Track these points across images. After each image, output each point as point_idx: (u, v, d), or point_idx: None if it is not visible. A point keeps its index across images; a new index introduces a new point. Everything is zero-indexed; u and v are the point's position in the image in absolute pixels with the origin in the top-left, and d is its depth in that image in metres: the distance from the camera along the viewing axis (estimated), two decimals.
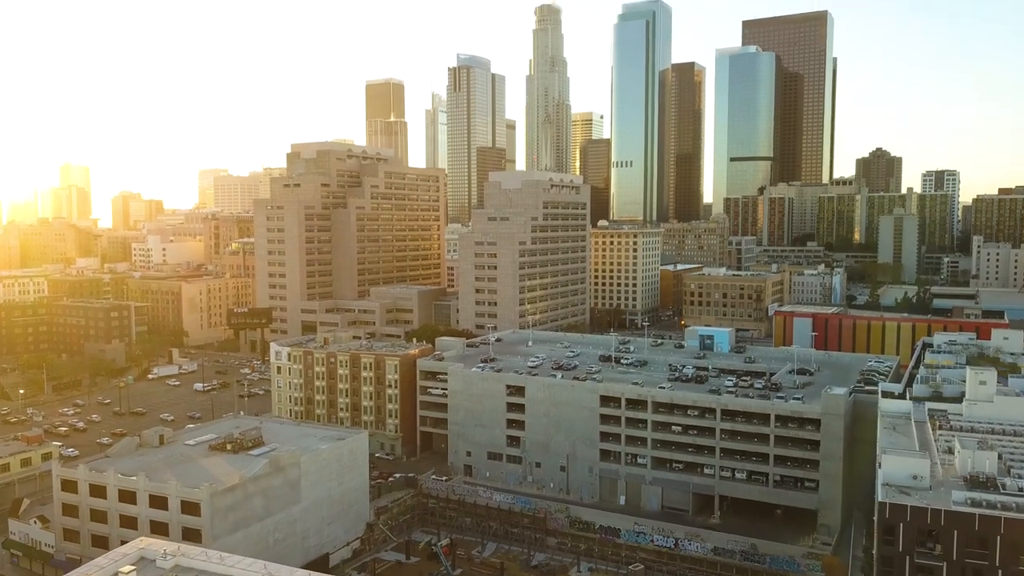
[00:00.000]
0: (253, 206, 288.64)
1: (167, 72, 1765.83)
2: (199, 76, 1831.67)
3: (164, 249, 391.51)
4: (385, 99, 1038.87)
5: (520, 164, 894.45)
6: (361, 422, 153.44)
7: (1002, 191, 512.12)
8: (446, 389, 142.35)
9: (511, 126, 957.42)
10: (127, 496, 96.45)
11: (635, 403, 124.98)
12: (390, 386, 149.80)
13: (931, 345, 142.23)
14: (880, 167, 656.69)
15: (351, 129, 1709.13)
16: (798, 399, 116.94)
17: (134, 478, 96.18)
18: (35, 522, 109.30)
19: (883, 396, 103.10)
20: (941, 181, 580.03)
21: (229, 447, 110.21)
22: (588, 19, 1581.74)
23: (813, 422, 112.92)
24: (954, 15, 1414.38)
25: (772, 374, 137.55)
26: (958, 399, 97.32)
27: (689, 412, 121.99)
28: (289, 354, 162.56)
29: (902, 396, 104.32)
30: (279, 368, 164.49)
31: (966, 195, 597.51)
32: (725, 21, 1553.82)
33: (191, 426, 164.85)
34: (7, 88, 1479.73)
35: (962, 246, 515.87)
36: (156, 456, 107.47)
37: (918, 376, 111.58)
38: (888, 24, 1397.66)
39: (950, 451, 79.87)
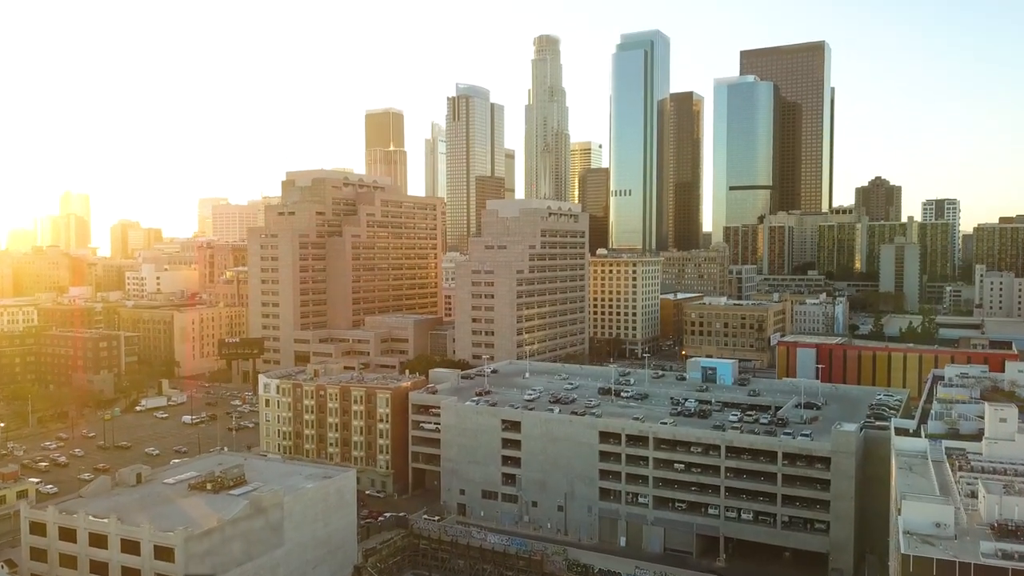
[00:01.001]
0: (247, 234, 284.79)
1: (169, 101, 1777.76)
2: (201, 105, 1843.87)
3: (158, 278, 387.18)
4: (385, 128, 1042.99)
5: (519, 193, 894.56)
6: (351, 458, 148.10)
7: (1003, 220, 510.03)
8: (439, 424, 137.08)
9: (510, 155, 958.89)
10: (98, 540, 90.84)
11: (636, 439, 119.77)
12: (381, 420, 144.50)
13: (942, 378, 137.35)
14: (879, 196, 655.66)
15: (351, 158, 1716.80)
16: (806, 435, 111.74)
17: (105, 521, 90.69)
18: (2, 567, 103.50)
19: (896, 433, 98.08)
20: (941, 210, 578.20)
21: (209, 486, 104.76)
22: (587, 49, 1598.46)
23: (823, 460, 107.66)
24: (949, 45, 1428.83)
25: (778, 408, 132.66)
26: (976, 437, 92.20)
27: (692, 449, 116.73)
28: (278, 386, 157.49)
29: (916, 433, 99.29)
30: (267, 401, 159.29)
31: (965, 224, 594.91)
32: (723, 51, 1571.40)
33: (176, 461, 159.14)
34: (9, 115, 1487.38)
35: (963, 275, 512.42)
36: (132, 496, 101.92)
37: (932, 411, 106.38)
38: (884, 54, 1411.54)
39: (973, 495, 74.65)
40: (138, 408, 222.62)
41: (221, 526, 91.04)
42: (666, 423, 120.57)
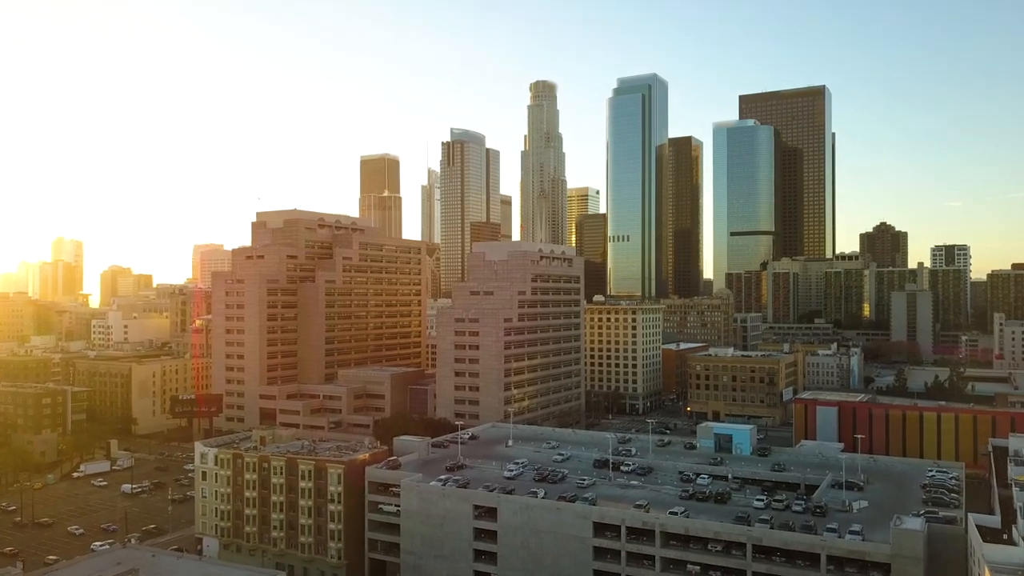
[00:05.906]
0: (211, 279, 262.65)
1: (166, 146, 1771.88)
2: (198, 150, 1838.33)
3: (126, 326, 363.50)
4: (380, 174, 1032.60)
5: (515, 239, 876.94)
6: (298, 544, 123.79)
7: (1015, 266, 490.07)
8: (400, 506, 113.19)
9: (506, 201, 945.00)
10: None
11: (639, 533, 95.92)
12: (332, 500, 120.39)
13: (1005, 449, 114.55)
14: (885, 242, 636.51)
15: (346, 204, 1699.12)
16: (856, 533, 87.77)
17: None
18: None
19: (982, 536, 74.83)
20: (951, 256, 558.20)
21: None
22: (583, 94, 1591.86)
23: (880, 567, 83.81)
24: (951, 91, 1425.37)
25: (811, 487, 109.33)
26: None
27: (710, 546, 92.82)
28: (216, 457, 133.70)
29: (1007, 535, 76.12)
30: (204, 473, 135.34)
31: (973, 270, 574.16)
32: (721, 96, 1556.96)
33: (97, 544, 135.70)
34: (5, 159, 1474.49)
35: (977, 323, 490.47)
36: None
37: (1017, 503, 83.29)
38: (885, 100, 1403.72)
39: None
40: (76, 474, 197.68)
41: None
42: (676, 512, 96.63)
